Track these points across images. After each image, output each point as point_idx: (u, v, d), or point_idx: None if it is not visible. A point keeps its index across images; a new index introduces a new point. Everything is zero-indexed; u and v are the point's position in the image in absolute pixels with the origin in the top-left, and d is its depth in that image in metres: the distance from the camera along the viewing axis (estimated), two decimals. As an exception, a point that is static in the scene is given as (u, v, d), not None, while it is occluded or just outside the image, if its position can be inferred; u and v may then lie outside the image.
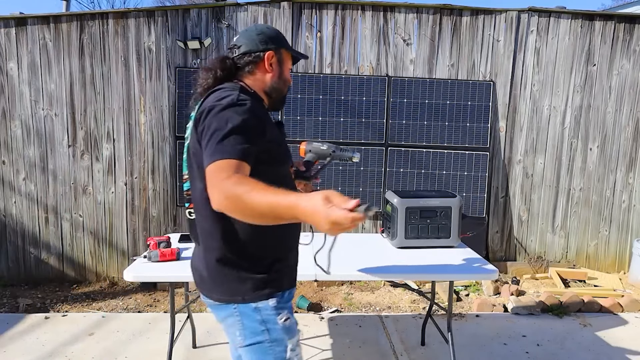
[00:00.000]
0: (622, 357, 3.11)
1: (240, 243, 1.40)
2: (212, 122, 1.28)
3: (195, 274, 1.54)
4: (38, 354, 3.06)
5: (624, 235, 4.70)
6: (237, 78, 1.51)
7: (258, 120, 1.33)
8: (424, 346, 3.21)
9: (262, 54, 1.51)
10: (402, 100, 4.35)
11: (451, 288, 2.65)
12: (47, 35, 4.17)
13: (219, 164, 1.21)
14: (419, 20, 4.36)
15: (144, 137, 4.33)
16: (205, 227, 1.44)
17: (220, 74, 1.47)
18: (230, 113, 1.28)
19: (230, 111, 1.28)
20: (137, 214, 4.41)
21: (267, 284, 1.41)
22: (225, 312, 1.42)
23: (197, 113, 1.37)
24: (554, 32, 4.43)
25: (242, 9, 4.27)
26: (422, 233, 2.72)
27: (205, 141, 1.28)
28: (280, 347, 1.38)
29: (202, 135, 1.30)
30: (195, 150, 1.38)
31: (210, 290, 1.46)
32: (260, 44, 1.52)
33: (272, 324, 1.38)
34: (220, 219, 1.35)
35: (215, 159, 1.22)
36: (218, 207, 1.20)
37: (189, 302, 2.98)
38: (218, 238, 1.40)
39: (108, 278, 4.45)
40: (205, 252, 1.46)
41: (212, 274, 1.44)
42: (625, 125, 4.55)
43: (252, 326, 1.38)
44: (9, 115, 4.23)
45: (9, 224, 4.35)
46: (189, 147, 1.44)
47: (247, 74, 1.52)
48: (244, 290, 1.39)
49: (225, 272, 1.41)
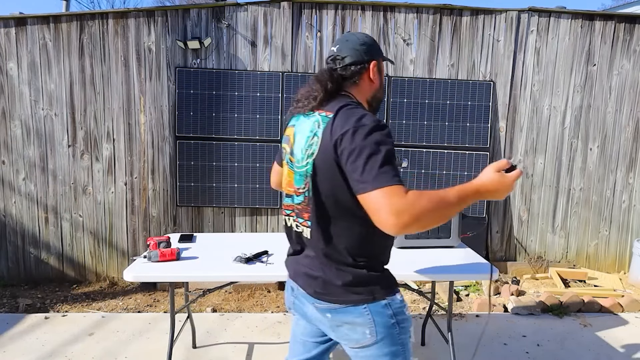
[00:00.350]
0: (622, 357, 3.11)
1: (372, 247, 1.51)
2: (363, 145, 1.33)
3: (313, 282, 1.57)
4: (38, 354, 3.06)
5: (624, 236, 4.70)
6: (344, 89, 1.56)
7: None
8: (424, 346, 3.21)
9: (367, 65, 1.57)
10: (402, 100, 4.35)
11: (451, 288, 2.65)
12: (47, 35, 4.17)
13: (388, 191, 1.27)
14: (419, 20, 4.36)
15: (144, 137, 4.33)
16: (336, 236, 1.50)
17: (330, 86, 1.52)
18: (379, 136, 1.34)
19: (378, 135, 1.34)
20: (137, 214, 4.41)
21: (391, 281, 1.56)
22: (354, 313, 1.49)
23: (333, 133, 1.41)
24: (554, 32, 4.43)
25: (242, 9, 4.27)
26: (422, 233, 2.72)
27: (356, 164, 1.33)
28: (406, 335, 1.54)
29: (348, 156, 1.35)
30: (328, 166, 1.42)
31: (335, 295, 1.51)
32: (365, 54, 1.57)
33: (401, 315, 1.52)
34: (360, 228, 1.46)
35: (381, 185, 1.28)
36: (401, 229, 1.26)
37: (189, 302, 2.97)
38: (355, 246, 1.49)
39: (108, 278, 4.45)
40: (335, 259, 1.52)
41: (344, 280, 1.50)
42: (625, 125, 4.55)
43: (383, 321, 1.49)
44: (8, 115, 4.23)
45: (9, 224, 4.35)
46: (314, 163, 1.46)
47: (352, 85, 1.57)
48: (375, 290, 1.50)
49: (358, 276, 1.49)
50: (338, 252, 1.50)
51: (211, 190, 4.37)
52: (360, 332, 1.50)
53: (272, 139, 4.34)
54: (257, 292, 4.20)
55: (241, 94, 4.29)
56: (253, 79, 4.28)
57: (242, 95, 4.29)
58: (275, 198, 4.40)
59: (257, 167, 4.36)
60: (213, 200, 4.38)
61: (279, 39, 4.31)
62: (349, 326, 1.52)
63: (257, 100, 4.29)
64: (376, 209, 1.28)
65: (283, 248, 2.72)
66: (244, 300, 4.08)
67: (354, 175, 1.33)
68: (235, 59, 4.31)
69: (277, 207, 4.43)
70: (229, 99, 4.28)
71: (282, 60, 4.33)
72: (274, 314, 3.78)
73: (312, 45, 4.35)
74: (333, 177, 1.41)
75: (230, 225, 4.49)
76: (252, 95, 4.29)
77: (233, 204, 4.40)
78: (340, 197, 1.42)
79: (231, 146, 4.33)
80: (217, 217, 4.47)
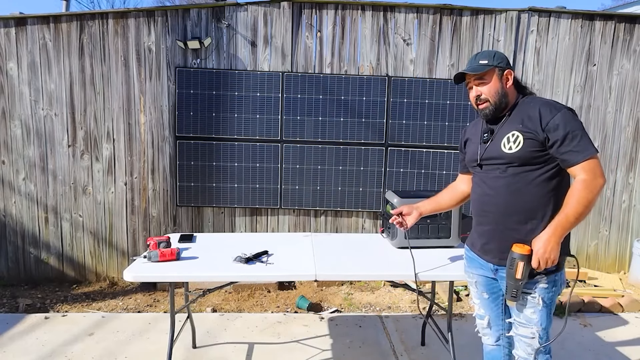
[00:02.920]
0: (622, 357, 3.11)
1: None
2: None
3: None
4: (38, 354, 3.06)
5: (624, 235, 4.70)
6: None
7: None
8: (424, 346, 3.21)
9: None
10: (402, 100, 4.35)
11: (451, 288, 2.65)
12: (47, 35, 4.17)
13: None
14: (419, 20, 4.36)
15: (144, 137, 4.33)
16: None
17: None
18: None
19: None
20: (137, 214, 4.41)
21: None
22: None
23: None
24: (554, 32, 4.43)
25: (242, 9, 4.27)
26: (422, 233, 2.72)
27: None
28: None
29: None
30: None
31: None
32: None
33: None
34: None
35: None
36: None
37: (189, 302, 2.97)
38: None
39: (108, 278, 4.45)
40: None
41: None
42: (625, 125, 4.55)
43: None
44: (8, 115, 4.23)
45: (9, 224, 4.35)
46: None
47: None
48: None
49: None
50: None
51: (211, 190, 4.37)
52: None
53: (272, 139, 4.34)
54: (257, 292, 4.20)
55: (241, 94, 4.29)
56: (253, 79, 4.28)
57: (242, 95, 4.29)
58: (275, 198, 4.40)
59: (257, 167, 4.36)
60: (213, 200, 4.38)
61: (279, 39, 4.31)
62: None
63: (257, 100, 4.29)
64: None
65: (283, 248, 2.72)
66: (244, 300, 4.08)
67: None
68: (235, 59, 4.31)
69: (277, 207, 4.43)
70: (229, 99, 4.28)
71: (282, 60, 4.33)
72: (274, 314, 3.78)
73: (312, 45, 4.35)
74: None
75: (230, 225, 4.49)
76: (252, 95, 4.29)
77: (233, 204, 4.40)
78: None
79: (231, 146, 4.33)
80: (217, 217, 4.47)
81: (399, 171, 4.41)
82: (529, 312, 1.88)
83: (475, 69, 1.93)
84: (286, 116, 4.31)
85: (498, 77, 1.92)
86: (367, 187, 4.42)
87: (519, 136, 1.82)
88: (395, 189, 4.01)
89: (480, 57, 1.94)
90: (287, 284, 4.37)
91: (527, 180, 1.83)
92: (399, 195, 2.79)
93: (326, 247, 2.78)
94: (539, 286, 1.86)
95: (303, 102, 4.31)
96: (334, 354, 3.11)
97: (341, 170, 4.40)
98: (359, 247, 2.82)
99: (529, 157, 1.81)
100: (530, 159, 1.81)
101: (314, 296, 4.15)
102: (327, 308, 3.93)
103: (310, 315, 3.75)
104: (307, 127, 4.33)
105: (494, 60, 1.91)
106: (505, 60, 1.93)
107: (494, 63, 1.90)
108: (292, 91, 4.29)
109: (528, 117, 1.82)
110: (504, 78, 1.92)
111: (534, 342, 1.88)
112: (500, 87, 1.91)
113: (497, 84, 1.91)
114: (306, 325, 3.52)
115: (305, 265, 2.43)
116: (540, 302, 1.86)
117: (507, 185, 1.87)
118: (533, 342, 1.89)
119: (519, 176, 1.84)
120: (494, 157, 1.90)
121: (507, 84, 1.92)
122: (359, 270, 2.45)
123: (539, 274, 1.84)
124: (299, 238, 3.00)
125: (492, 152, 1.91)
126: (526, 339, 1.90)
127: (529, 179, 1.82)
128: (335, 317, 3.70)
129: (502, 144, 1.87)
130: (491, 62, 1.91)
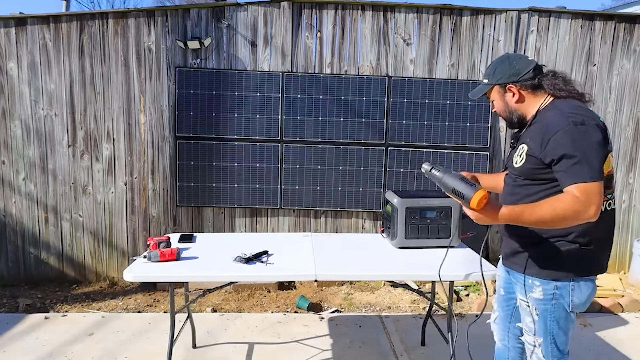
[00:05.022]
0: (622, 357, 3.11)
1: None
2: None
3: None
4: (38, 354, 3.06)
5: (624, 235, 4.70)
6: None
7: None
8: (424, 346, 3.21)
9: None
10: (402, 100, 4.35)
11: (451, 288, 2.65)
12: (47, 35, 4.17)
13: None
14: (419, 20, 4.35)
15: (144, 137, 4.33)
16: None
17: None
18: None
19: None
20: (137, 214, 4.41)
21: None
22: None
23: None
24: (554, 32, 4.43)
25: (242, 9, 4.27)
26: (422, 233, 2.72)
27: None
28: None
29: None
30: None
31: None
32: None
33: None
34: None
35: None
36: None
37: (189, 302, 2.97)
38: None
39: (108, 278, 4.45)
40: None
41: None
42: (625, 125, 4.55)
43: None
44: (8, 115, 4.23)
45: (9, 224, 4.35)
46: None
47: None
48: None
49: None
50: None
51: (211, 190, 4.37)
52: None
53: (272, 139, 4.34)
54: (257, 292, 4.20)
55: (241, 94, 4.29)
56: (253, 79, 4.28)
57: (242, 95, 4.29)
58: (275, 198, 4.40)
59: (257, 167, 4.36)
60: (213, 200, 4.38)
61: (279, 39, 4.31)
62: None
63: (257, 100, 4.29)
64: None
65: (283, 248, 2.72)
66: (244, 300, 4.08)
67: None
68: (235, 59, 4.31)
69: (277, 207, 4.43)
70: (229, 99, 4.28)
71: (282, 60, 4.33)
72: (274, 314, 3.78)
73: (312, 45, 4.35)
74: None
75: (230, 225, 4.49)
76: (252, 95, 4.29)
77: (233, 204, 4.40)
78: None
79: (231, 146, 4.33)
80: (217, 217, 4.47)
81: (399, 171, 4.41)
82: (528, 321, 1.88)
83: (474, 93, 1.93)
84: (286, 116, 4.31)
85: (501, 95, 1.86)
86: (367, 187, 4.42)
87: (524, 151, 1.77)
88: (395, 189, 4.01)
89: (485, 74, 1.92)
90: (287, 284, 4.37)
91: (526, 194, 1.79)
92: (399, 195, 2.79)
93: (326, 247, 2.78)
94: (532, 295, 1.82)
95: (303, 102, 4.31)
96: (334, 354, 3.11)
97: (341, 170, 4.40)
98: (359, 247, 2.82)
99: (530, 173, 1.76)
100: (532, 175, 1.76)
101: (314, 296, 4.15)
102: (327, 308, 3.93)
103: (310, 315, 3.75)
104: (307, 127, 4.33)
105: (493, 77, 1.86)
106: (508, 73, 1.82)
107: (493, 81, 1.86)
108: (292, 91, 4.29)
109: (536, 131, 1.75)
110: (507, 94, 1.84)
111: (537, 351, 1.87)
112: (504, 104, 1.87)
113: (501, 102, 1.87)
114: (306, 325, 3.52)
115: (305, 265, 2.43)
116: (534, 311, 1.83)
117: (511, 194, 1.88)
118: (537, 352, 1.87)
119: (522, 188, 1.82)
120: (510, 165, 1.89)
121: (513, 98, 1.83)
122: (359, 270, 2.45)
123: (533, 282, 1.82)
124: (299, 238, 3.00)
125: (510, 160, 1.90)
126: (530, 347, 1.90)
127: (529, 193, 1.78)
128: (335, 317, 3.70)
129: (515, 155, 1.84)
130: (491, 80, 1.87)
